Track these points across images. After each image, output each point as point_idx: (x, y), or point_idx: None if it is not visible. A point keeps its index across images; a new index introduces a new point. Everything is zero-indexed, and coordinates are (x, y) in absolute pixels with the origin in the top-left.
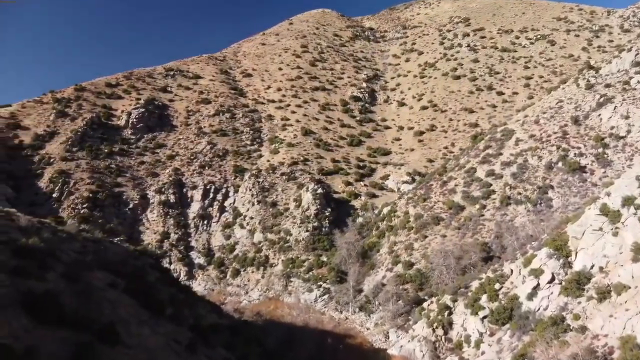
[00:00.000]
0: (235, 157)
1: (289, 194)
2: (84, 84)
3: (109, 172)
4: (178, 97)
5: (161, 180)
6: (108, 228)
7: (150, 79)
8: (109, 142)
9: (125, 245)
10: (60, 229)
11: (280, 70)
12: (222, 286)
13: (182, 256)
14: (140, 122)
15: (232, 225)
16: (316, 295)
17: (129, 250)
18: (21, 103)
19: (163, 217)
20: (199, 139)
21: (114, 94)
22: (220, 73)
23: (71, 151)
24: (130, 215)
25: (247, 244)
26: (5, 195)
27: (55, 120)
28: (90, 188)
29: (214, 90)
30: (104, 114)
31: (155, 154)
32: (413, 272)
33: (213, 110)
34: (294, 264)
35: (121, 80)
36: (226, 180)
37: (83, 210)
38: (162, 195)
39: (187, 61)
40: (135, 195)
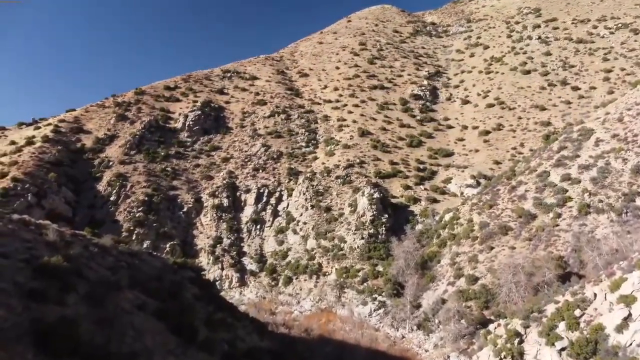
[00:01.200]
0: (289, 159)
1: (343, 199)
2: (144, 87)
3: (165, 175)
4: (234, 98)
5: (215, 184)
6: (162, 232)
7: (208, 81)
8: (165, 145)
9: (165, 258)
10: (94, 241)
11: (337, 69)
12: (273, 294)
13: (234, 262)
14: (197, 125)
15: (285, 231)
16: (371, 309)
17: (168, 264)
18: (85, 107)
19: (216, 221)
20: (253, 141)
21: (172, 97)
22: (276, 73)
23: (129, 154)
24: (185, 219)
25: (300, 251)
26: (66, 199)
27: (115, 123)
28: (146, 191)
29: (269, 91)
30: (161, 117)
31: (210, 157)
32: (477, 287)
33: (268, 111)
34: (348, 274)
35: (179, 83)
36: (280, 183)
37: (138, 213)
38: (216, 199)
39: (244, 62)
40: (189, 199)
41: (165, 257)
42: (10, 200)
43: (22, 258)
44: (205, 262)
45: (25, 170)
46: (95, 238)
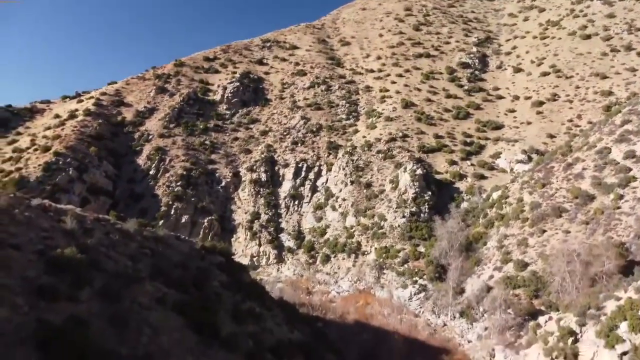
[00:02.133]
0: (329, 132)
1: (385, 174)
2: (184, 59)
3: (203, 148)
4: (274, 69)
5: (253, 158)
6: (200, 207)
7: (247, 51)
8: (204, 118)
9: (193, 241)
10: (118, 226)
11: (380, 37)
12: (311, 272)
13: (272, 238)
14: (235, 97)
15: (324, 207)
16: (411, 293)
17: (195, 249)
18: (126, 80)
19: (254, 196)
20: (292, 113)
21: (211, 69)
22: (317, 42)
23: (168, 127)
24: (223, 193)
25: (338, 228)
26: (106, 173)
27: (155, 96)
28: (185, 165)
29: (309, 61)
30: (200, 89)
31: (249, 130)
32: (527, 274)
33: (308, 82)
34: (387, 254)
35: (219, 53)
36: (319, 157)
37: (177, 188)
38: (254, 174)
39: (284, 31)
40: (227, 173)
41: (194, 241)
42: (52, 174)
43: (35, 249)
44: (243, 237)
45: (67, 144)
46: (120, 222)
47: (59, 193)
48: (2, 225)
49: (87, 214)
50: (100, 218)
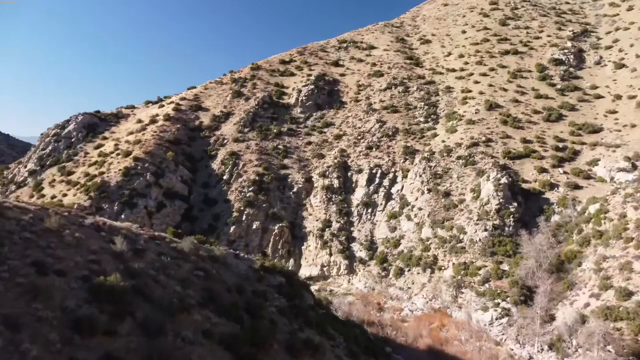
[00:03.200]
0: (405, 136)
1: (465, 182)
2: (260, 62)
3: (276, 153)
4: (349, 70)
5: (326, 163)
6: (271, 213)
7: (323, 52)
8: (278, 122)
9: (252, 259)
10: (173, 245)
11: (463, 34)
12: (383, 286)
13: (343, 248)
14: (310, 100)
15: (399, 216)
16: (492, 317)
17: (254, 268)
18: (204, 84)
19: (326, 203)
20: (367, 116)
21: (286, 71)
22: (395, 41)
23: (243, 132)
24: (294, 199)
25: (413, 239)
26: (182, 177)
27: (231, 100)
28: (257, 170)
29: (387, 61)
30: (275, 92)
31: (323, 134)
32: (631, 305)
33: (385, 83)
34: (466, 271)
35: (294, 56)
36: (394, 163)
37: (249, 193)
38: (326, 179)
39: (361, 31)
40: (300, 179)
41: (253, 259)
42: (131, 179)
43: (80, 275)
44: (313, 246)
45: (147, 149)
46: (176, 241)
47: (136, 197)
48: (50, 248)
49: (142, 232)
50: (155, 236)
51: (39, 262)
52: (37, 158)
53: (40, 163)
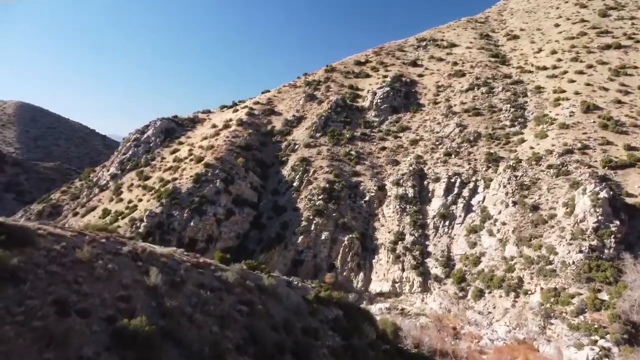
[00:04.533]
0: (488, 142)
1: (557, 195)
2: (334, 64)
3: (348, 159)
4: (428, 70)
5: (400, 170)
6: (341, 223)
7: (400, 52)
8: (351, 126)
9: (307, 287)
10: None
11: (556, 28)
12: (460, 308)
13: (417, 263)
14: (385, 103)
15: (479, 231)
16: (588, 356)
17: (307, 300)
18: (278, 88)
19: (399, 213)
20: (447, 120)
21: (361, 73)
22: (479, 38)
23: (314, 137)
24: (366, 208)
25: (495, 258)
26: (252, 184)
27: (304, 104)
28: (328, 177)
29: (469, 60)
30: (349, 95)
31: (398, 139)
32: None
33: (467, 84)
34: (557, 298)
35: (370, 56)
36: (475, 171)
37: (319, 201)
38: (400, 188)
39: (442, 28)
40: (372, 187)
41: (309, 287)
42: (201, 185)
43: (105, 316)
44: (385, 260)
45: (218, 155)
46: (222, 268)
47: (206, 204)
48: (77, 283)
49: (185, 259)
50: (199, 264)
51: (61, 300)
52: (119, 162)
53: (121, 167)
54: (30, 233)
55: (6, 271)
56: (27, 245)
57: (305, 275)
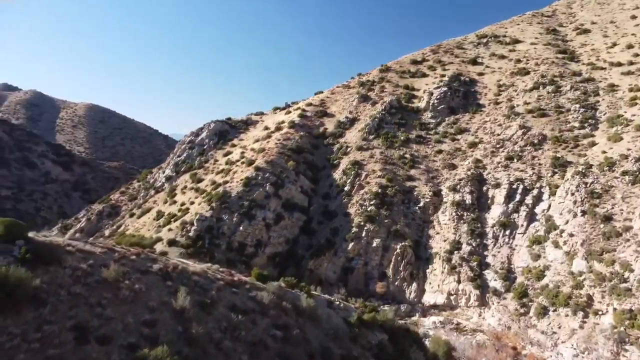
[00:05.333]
0: (555, 145)
1: (633, 205)
2: (390, 63)
3: (402, 163)
4: (489, 69)
5: (457, 175)
6: (394, 230)
7: (459, 50)
8: (406, 128)
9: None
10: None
11: (633, 20)
12: (521, 326)
13: (474, 275)
14: (442, 103)
15: (543, 242)
16: None
17: (349, 322)
18: (331, 89)
19: (455, 221)
20: (508, 121)
21: (417, 72)
22: (545, 33)
23: (367, 139)
24: (420, 215)
25: (562, 272)
26: (302, 188)
27: (357, 105)
28: (380, 182)
29: (534, 57)
30: (404, 95)
31: (455, 141)
32: None
33: (531, 82)
34: (633, 321)
35: (427, 55)
36: (540, 177)
37: (370, 207)
38: (457, 194)
39: (504, 23)
40: (427, 192)
41: (353, 307)
42: (251, 189)
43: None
44: (439, 270)
45: (269, 158)
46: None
47: (255, 209)
48: (100, 306)
49: (219, 277)
50: (234, 282)
51: (82, 325)
52: (174, 164)
53: (175, 169)
54: (57, 250)
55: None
56: (53, 263)
57: (355, 283)
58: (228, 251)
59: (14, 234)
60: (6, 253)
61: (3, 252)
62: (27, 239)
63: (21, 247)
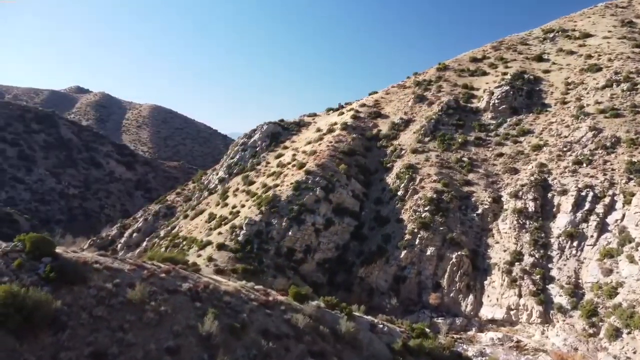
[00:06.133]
0: (630, 149)
1: None
2: (448, 61)
3: (460, 167)
4: (556, 65)
5: (520, 180)
6: (449, 238)
7: (523, 46)
8: (464, 130)
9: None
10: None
11: None
12: (590, 347)
13: (537, 290)
14: (504, 103)
15: (616, 255)
16: None
17: (394, 349)
18: (386, 89)
19: (517, 230)
20: (577, 122)
21: (477, 70)
22: (620, 26)
23: (423, 142)
24: (478, 223)
25: (637, 290)
26: (354, 192)
27: (412, 106)
28: (436, 187)
29: (607, 52)
30: (463, 95)
31: (518, 144)
32: None
33: (603, 80)
34: None
35: (488, 52)
36: (612, 184)
37: (424, 213)
38: (519, 201)
39: (573, 16)
40: (486, 198)
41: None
42: (301, 193)
43: None
44: (499, 282)
45: (320, 161)
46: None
47: (305, 213)
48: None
49: (254, 296)
50: (268, 302)
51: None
52: (227, 166)
53: (228, 171)
54: (84, 268)
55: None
56: (77, 282)
57: (407, 293)
58: (277, 256)
59: (40, 251)
60: (31, 271)
61: (28, 269)
62: (55, 255)
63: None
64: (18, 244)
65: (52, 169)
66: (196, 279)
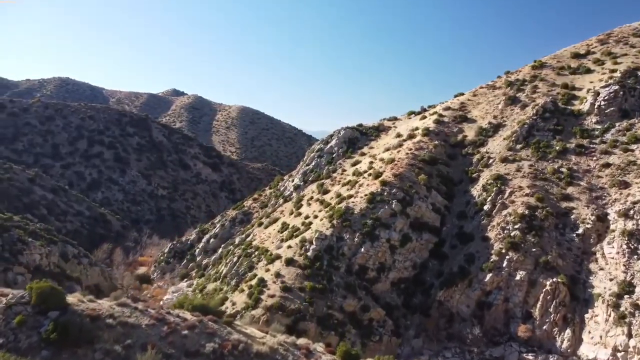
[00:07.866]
0: None
1: None
2: (544, 58)
3: (557, 178)
4: None
5: (631, 196)
6: (543, 261)
7: (636, 38)
8: (563, 136)
9: None
10: None
11: None
12: None
13: None
14: (612, 105)
15: None
16: None
17: None
18: (473, 90)
19: (627, 255)
20: None
21: (579, 68)
22: None
23: (514, 149)
24: (578, 244)
25: None
26: (434, 205)
27: (503, 109)
28: (528, 201)
29: None
30: (562, 96)
31: (629, 152)
32: None
33: None
34: None
35: (593, 46)
36: None
37: (514, 231)
38: (629, 221)
39: None
40: (588, 216)
41: None
42: (375, 206)
43: None
44: (602, 317)
45: (397, 171)
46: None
47: (379, 228)
48: None
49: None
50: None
51: None
52: (302, 173)
53: (304, 178)
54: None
55: None
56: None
57: (492, 322)
58: (347, 274)
59: (47, 304)
60: (33, 329)
61: (30, 327)
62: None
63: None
64: (25, 294)
65: (143, 171)
66: (225, 335)
